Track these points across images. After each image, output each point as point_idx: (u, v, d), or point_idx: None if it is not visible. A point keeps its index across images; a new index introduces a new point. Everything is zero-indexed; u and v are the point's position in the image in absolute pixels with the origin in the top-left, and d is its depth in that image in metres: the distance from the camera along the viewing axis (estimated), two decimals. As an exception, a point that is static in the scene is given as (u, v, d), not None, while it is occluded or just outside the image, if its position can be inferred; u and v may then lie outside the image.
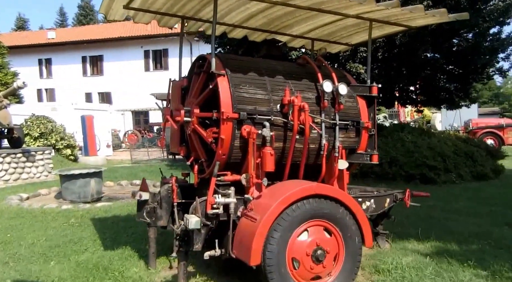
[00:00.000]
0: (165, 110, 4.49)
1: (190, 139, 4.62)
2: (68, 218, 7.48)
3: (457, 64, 11.84)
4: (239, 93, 4.05)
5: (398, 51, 10.25)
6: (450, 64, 11.99)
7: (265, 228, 3.65)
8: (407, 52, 10.17)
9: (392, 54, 10.31)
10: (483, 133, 21.61)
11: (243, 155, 4.15)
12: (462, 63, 11.66)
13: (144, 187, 5.00)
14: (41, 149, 14.08)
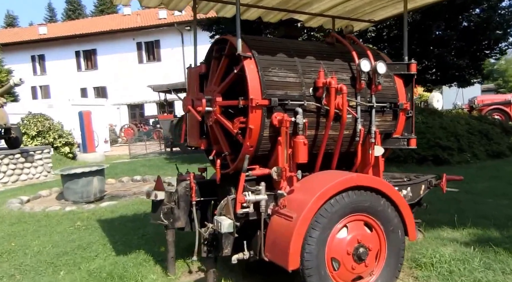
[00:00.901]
0: (186, 100, 3.99)
1: (211, 131, 4.14)
2: (73, 221, 7.01)
3: (469, 40, 11.36)
4: (269, 77, 3.56)
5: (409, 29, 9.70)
6: (462, 41, 11.50)
7: (303, 227, 3.21)
8: (419, 30, 9.67)
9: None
10: (490, 110, 21.13)
11: (272, 146, 3.68)
12: (474, 39, 11.19)
13: (159, 186, 4.53)
14: (39, 148, 13.53)
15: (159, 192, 4.45)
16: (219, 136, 3.98)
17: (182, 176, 4.72)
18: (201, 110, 3.89)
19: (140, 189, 10.56)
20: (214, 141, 4.19)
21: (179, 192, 4.37)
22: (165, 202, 4.43)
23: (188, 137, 4.62)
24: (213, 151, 4.10)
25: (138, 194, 9.78)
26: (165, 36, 31.89)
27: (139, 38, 32.50)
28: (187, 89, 4.64)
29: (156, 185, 4.56)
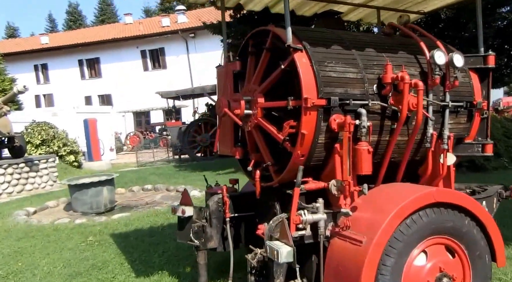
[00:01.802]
0: (220, 102, 3.40)
1: (249, 138, 3.55)
2: (85, 235, 6.40)
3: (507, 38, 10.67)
4: (325, 72, 2.97)
5: (443, 26, 9.17)
6: (499, 38, 10.81)
7: (376, 254, 2.61)
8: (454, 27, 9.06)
9: (437, 29, 9.18)
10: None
11: (327, 155, 3.09)
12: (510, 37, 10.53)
13: (186, 200, 3.94)
14: (44, 157, 12.94)
15: (187, 208, 3.86)
16: (260, 144, 3.39)
17: (211, 188, 4.14)
18: (240, 113, 3.31)
19: (152, 198, 9.97)
20: (252, 149, 3.60)
21: (210, 207, 3.78)
22: (194, 219, 3.84)
23: (219, 145, 4.02)
24: (251, 161, 3.49)
25: (151, 205, 9.20)
26: (169, 43, 31.37)
27: (143, 46, 31.96)
28: (217, 91, 4.06)
29: (183, 199, 3.98)
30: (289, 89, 3.15)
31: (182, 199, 3.97)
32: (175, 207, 3.91)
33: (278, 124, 3.22)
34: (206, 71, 30.06)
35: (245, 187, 4.26)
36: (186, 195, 3.96)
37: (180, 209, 3.85)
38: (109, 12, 59.43)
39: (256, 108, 3.27)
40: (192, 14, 33.41)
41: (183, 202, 3.93)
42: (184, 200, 3.94)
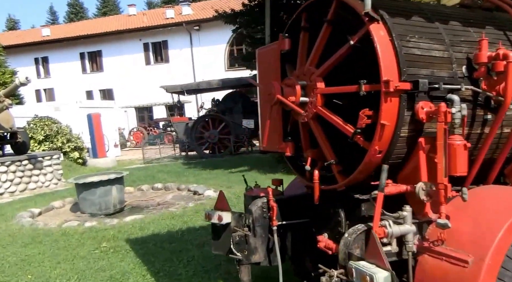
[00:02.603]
0: (273, 87, 2.86)
1: (303, 131, 3.01)
2: (97, 240, 5.89)
3: None
4: (408, 49, 2.43)
5: None
6: None
7: (489, 278, 2.07)
8: None
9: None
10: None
11: (408, 152, 2.56)
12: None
13: (222, 204, 3.41)
14: (48, 154, 12.43)
15: (224, 213, 3.33)
16: (320, 138, 2.85)
17: (251, 191, 3.59)
18: (295, 100, 2.78)
19: (163, 198, 9.48)
20: (306, 144, 3.06)
21: (254, 214, 3.24)
22: (233, 227, 3.31)
23: (263, 139, 3.49)
24: (308, 159, 2.94)
25: (163, 205, 8.71)
26: (173, 36, 30.77)
27: (146, 38, 31.35)
28: (258, 76, 3.50)
29: (218, 203, 3.45)
30: (356, 71, 2.62)
31: (217, 203, 3.45)
32: (209, 212, 3.39)
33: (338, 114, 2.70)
34: (210, 65, 29.57)
35: (289, 189, 3.72)
36: (222, 199, 3.43)
37: (216, 215, 3.33)
38: (111, 4, 58.78)
39: (315, 94, 2.74)
40: (197, 6, 32.84)
41: (219, 207, 3.40)
42: (219, 204, 3.42)
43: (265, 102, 3.30)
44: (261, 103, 3.46)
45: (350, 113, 2.64)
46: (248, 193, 3.56)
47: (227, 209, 3.36)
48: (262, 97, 3.38)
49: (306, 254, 3.44)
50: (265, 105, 3.34)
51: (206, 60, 29.98)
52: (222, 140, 17.61)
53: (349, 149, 2.73)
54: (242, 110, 18.06)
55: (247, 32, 11.94)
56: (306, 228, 3.32)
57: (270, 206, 3.20)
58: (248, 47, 12.02)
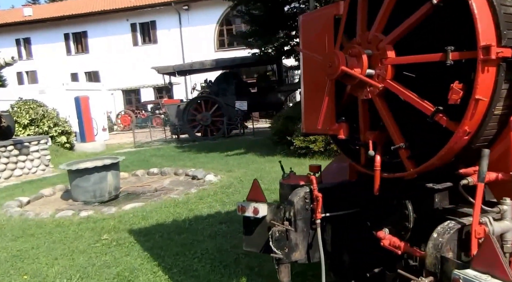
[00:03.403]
0: (334, 57, 2.34)
1: (363, 110, 2.52)
2: (97, 232, 5.38)
3: None
4: (507, 8, 1.95)
5: None
6: None
7: None
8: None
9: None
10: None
11: (497, 133, 2.10)
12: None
13: (257, 194, 2.94)
14: (35, 138, 11.77)
15: (261, 205, 2.86)
16: (387, 118, 2.35)
17: (289, 179, 3.12)
18: (361, 72, 2.29)
19: (160, 184, 8.98)
20: (366, 125, 2.56)
21: (295, 205, 2.77)
22: (271, 221, 2.85)
23: (306, 121, 2.99)
24: (369, 143, 2.45)
25: (161, 191, 8.22)
26: (161, 16, 29.72)
27: (133, 18, 30.23)
28: (302, 46, 2.96)
29: (252, 194, 2.97)
30: (434, 37, 2.14)
31: (251, 193, 2.97)
32: (243, 204, 2.91)
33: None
34: (199, 46, 28.77)
35: (326, 176, 3.25)
36: (257, 188, 2.95)
37: (251, 208, 2.85)
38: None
39: (384, 65, 2.25)
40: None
41: (253, 197, 2.93)
42: (254, 195, 2.94)
43: (310, 77, 2.81)
44: (305, 78, 2.95)
45: (422, 88, 2.18)
46: (285, 181, 3.09)
47: (263, 200, 2.89)
48: (308, 70, 2.87)
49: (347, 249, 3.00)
50: (310, 80, 2.85)
51: (195, 41, 29.13)
52: (214, 122, 17.09)
53: (420, 130, 2.27)
54: (235, 92, 17.54)
55: (246, 9, 11.35)
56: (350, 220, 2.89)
57: (314, 197, 2.75)
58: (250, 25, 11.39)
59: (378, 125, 2.51)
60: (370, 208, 2.67)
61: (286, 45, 10.41)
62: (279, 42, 9.78)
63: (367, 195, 2.56)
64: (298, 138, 9.89)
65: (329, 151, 9.48)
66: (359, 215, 2.80)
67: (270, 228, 2.87)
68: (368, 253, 2.73)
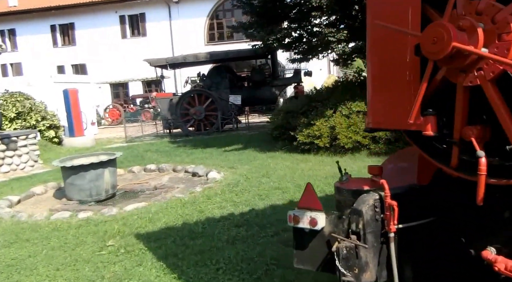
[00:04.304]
0: (447, 29, 1.80)
1: (463, 99, 1.99)
2: (100, 237, 4.81)
3: None
4: None
5: None
6: None
7: None
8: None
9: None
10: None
11: None
12: None
13: (313, 201, 2.42)
14: (23, 133, 11.05)
15: (318, 215, 2.34)
16: (502, 110, 1.84)
17: (349, 182, 2.60)
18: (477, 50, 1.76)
19: (159, 181, 8.41)
20: (464, 119, 2.02)
21: (364, 215, 2.26)
22: (331, 234, 2.34)
23: (375, 113, 2.45)
24: (473, 141, 1.93)
25: (161, 189, 7.66)
26: (150, 8, 28.86)
27: (122, 10, 29.29)
28: (370, 17, 2.40)
29: (305, 200, 2.45)
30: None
31: (304, 199, 2.44)
32: (297, 214, 2.38)
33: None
34: (189, 39, 28.07)
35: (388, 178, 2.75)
36: (312, 194, 2.43)
37: (307, 218, 2.34)
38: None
39: (504, 42, 1.74)
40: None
41: (307, 205, 2.41)
42: (308, 201, 2.42)
43: (383, 59, 2.29)
44: (374, 62, 2.42)
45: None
46: (344, 185, 2.56)
47: (320, 208, 2.37)
48: (380, 52, 2.34)
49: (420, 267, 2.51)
50: (382, 64, 2.32)
51: (185, 34, 28.39)
52: (208, 117, 16.51)
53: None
54: (229, 85, 16.98)
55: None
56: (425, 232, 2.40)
57: (387, 205, 2.24)
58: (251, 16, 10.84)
59: (477, 119, 2.01)
60: (458, 218, 2.17)
61: (288, 37, 9.87)
62: (282, 33, 9.22)
63: (454, 202, 2.07)
64: (302, 133, 9.40)
65: (335, 147, 9.01)
66: (438, 226, 2.31)
67: (329, 242, 2.38)
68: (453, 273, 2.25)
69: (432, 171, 2.42)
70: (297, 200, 5.90)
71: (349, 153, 8.82)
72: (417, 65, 2.03)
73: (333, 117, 9.11)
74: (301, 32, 9.89)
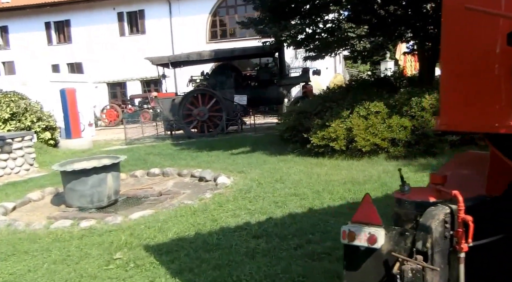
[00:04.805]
0: None
1: None
2: (106, 249, 4.54)
3: None
4: None
5: None
6: None
7: None
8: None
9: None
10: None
11: None
12: None
13: (371, 214, 2.13)
14: (19, 134, 10.78)
15: (378, 231, 2.06)
16: None
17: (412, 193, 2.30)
18: None
19: (164, 187, 8.15)
20: None
21: (434, 233, 1.98)
22: (390, 253, 2.06)
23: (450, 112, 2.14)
24: None
25: (166, 195, 7.39)
26: (150, 5, 28.58)
27: (120, 7, 29.00)
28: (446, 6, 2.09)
29: (362, 213, 2.17)
30: None
31: (360, 212, 2.16)
32: (353, 229, 2.10)
33: None
34: (190, 37, 27.84)
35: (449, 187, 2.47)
36: (370, 206, 2.15)
37: (364, 234, 2.06)
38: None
39: None
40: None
41: (365, 219, 2.13)
42: (366, 215, 2.14)
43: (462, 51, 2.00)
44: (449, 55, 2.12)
45: None
46: (406, 196, 2.27)
47: (379, 223, 2.09)
48: (459, 42, 2.04)
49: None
50: (461, 57, 2.03)
51: (186, 32, 28.15)
52: (212, 118, 16.23)
53: None
54: (234, 85, 16.70)
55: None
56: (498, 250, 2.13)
57: (460, 221, 1.96)
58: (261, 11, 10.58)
59: None
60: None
61: (301, 33, 9.61)
62: (296, 29, 8.96)
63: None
64: (316, 135, 9.13)
65: (351, 150, 8.74)
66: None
67: (387, 262, 2.10)
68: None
69: (507, 180, 2.15)
70: (317, 208, 5.66)
71: (366, 156, 8.55)
72: (510, 57, 1.75)
73: (349, 118, 8.84)
74: (314, 29, 9.62)
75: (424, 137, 7.94)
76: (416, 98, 8.37)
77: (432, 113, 8.03)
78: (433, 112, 7.94)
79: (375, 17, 7.69)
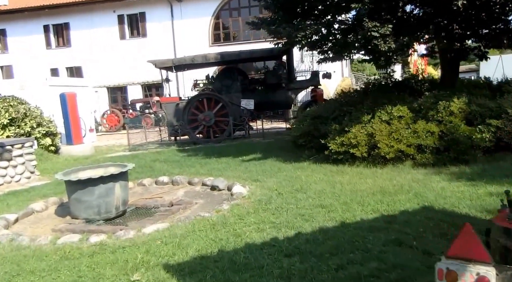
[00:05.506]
0: None
1: None
2: (121, 268, 4.15)
3: None
4: None
5: None
6: None
7: None
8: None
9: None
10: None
11: None
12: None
13: (475, 248, 1.75)
14: (19, 141, 10.40)
15: (489, 271, 1.67)
16: None
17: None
18: None
19: (175, 196, 7.78)
20: None
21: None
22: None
23: None
24: None
25: (178, 205, 7.01)
26: (151, 8, 28.18)
27: (120, 10, 28.61)
28: None
29: (462, 246, 1.78)
30: None
31: (459, 244, 1.78)
32: (453, 268, 1.72)
33: None
34: (192, 40, 27.52)
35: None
36: (473, 238, 1.76)
37: (471, 275, 1.68)
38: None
39: None
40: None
41: (467, 254, 1.74)
42: (468, 249, 1.76)
43: None
44: None
45: None
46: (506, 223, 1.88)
47: (488, 261, 1.71)
48: None
49: None
50: None
51: (188, 35, 27.82)
52: (218, 123, 15.87)
53: None
54: (240, 89, 16.36)
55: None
56: None
57: None
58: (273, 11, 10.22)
59: None
60: None
61: (316, 34, 9.24)
62: (312, 29, 8.60)
63: None
64: (334, 141, 8.75)
65: (373, 157, 8.36)
66: None
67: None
68: None
69: None
70: (350, 221, 5.24)
71: (390, 164, 8.17)
72: None
73: (370, 123, 8.46)
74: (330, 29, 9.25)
75: (454, 143, 7.55)
76: (444, 102, 8.00)
77: (461, 117, 7.66)
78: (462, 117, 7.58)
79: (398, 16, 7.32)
